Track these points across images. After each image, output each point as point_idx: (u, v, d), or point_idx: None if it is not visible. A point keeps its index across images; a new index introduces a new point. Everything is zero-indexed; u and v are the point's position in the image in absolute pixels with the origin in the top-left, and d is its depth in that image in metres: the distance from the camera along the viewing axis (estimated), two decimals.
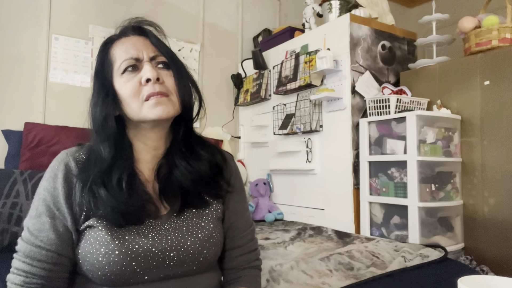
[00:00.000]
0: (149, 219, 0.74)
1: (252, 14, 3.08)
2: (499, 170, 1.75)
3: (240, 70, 2.89)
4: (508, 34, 1.79)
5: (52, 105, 2.24)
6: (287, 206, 2.46)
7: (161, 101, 0.73)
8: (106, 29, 2.43)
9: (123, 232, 0.70)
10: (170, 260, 0.71)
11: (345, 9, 2.26)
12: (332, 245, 1.62)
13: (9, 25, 2.14)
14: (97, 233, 0.69)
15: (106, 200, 0.69)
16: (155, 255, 0.70)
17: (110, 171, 0.72)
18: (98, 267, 0.67)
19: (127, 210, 0.69)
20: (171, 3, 2.69)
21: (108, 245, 0.68)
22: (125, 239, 0.69)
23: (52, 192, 0.71)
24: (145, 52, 0.76)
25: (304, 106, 2.26)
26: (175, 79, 0.78)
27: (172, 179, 0.77)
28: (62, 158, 0.75)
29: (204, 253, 0.75)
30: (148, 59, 0.76)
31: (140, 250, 0.69)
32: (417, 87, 2.10)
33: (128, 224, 0.71)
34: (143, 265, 0.69)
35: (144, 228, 0.72)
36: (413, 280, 1.25)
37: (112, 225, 0.70)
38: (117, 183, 0.71)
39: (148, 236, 0.72)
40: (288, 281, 1.16)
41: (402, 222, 1.83)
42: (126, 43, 0.78)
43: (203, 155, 0.81)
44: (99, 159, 0.73)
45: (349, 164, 2.03)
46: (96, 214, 0.70)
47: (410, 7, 3.81)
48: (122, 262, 0.67)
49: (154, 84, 0.73)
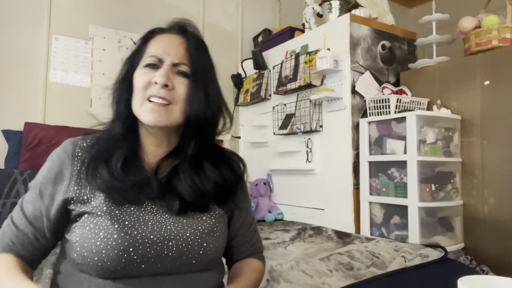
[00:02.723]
0: (149, 202, 0.76)
1: (252, 14, 3.08)
2: (499, 170, 1.75)
3: (240, 70, 2.90)
4: (508, 34, 1.79)
5: (52, 105, 2.24)
6: (287, 206, 2.46)
7: (157, 109, 0.74)
8: (106, 29, 2.43)
9: (123, 217, 0.71)
10: (168, 250, 0.71)
11: (345, 9, 2.26)
12: (332, 245, 1.62)
13: (9, 25, 2.14)
14: (96, 219, 0.70)
15: (104, 177, 0.72)
16: (153, 242, 0.70)
17: (114, 150, 0.76)
18: (95, 251, 0.67)
19: (122, 187, 0.72)
20: (171, 3, 2.69)
21: (107, 229, 0.69)
22: (124, 224, 0.70)
23: (45, 173, 0.76)
24: (171, 56, 0.77)
25: (304, 106, 2.26)
26: (188, 89, 0.77)
27: (172, 187, 0.78)
28: (64, 145, 0.79)
29: (204, 246, 0.75)
30: (170, 64, 0.77)
31: (139, 237, 0.70)
32: (417, 87, 2.10)
33: (125, 202, 0.73)
34: (141, 252, 0.69)
35: (144, 215, 0.73)
36: (413, 280, 1.25)
37: (112, 211, 0.71)
38: (117, 161, 0.74)
39: (148, 223, 0.72)
40: (288, 281, 1.16)
41: (402, 222, 1.83)
42: (163, 40, 0.80)
43: (211, 177, 0.79)
44: (108, 139, 0.78)
45: (349, 164, 2.03)
46: (92, 200, 0.73)
47: (410, 7, 3.81)
48: (120, 246, 0.67)
49: (161, 88, 0.75)
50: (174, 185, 0.77)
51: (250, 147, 2.83)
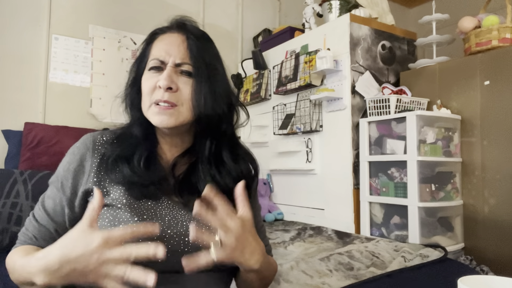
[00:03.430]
0: (165, 198, 0.77)
1: (252, 14, 3.08)
2: (499, 170, 1.75)
3: (240, 70, 2.89)
4: (508, 34, 1.79)
5: (52, 105, 2.24)
6: (287, 206, 2.46)
7: (163, 112, 0.75)
8: (106, 29, 2.43)
9: (141, 211, 0.73)
10: (184, 246, 0.72)
11: (345, 9, 2.26)
12: (332, 245, 1.62)
13: (9, 25, 2.14)
14: (116, 211, 0.72)
15: (125, 173, 0.74)
16: (170, 237, 0.71)
17: (135, 148, 0.78)
18: None
19: (142, 182, 0.74)
20: (171, 3, 2.69)
21: (127, 221, 0.70)
22: (143, 218, 0.72)
23: (66, 166, 0.78)
24: (173, 56, 0.77)
25: (304, 106, 2.26)
26: (193, 89, 0.76)
27: (191, 184, 0.78)
28: (84, 139, 0.81)
29: None
30: (172, 65, 0.76)
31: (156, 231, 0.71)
32: (417, 87, 2.10)
33: (144, 196, 0.74)
34: None
35: (161, 210, 0.75)
36: (413, 280, 1.25)
37: (131, 203, 0.73)
38: (138, 159, 0.76)
39: (165, 219, 0.74)
40: (288, 281, 1.16)
41: (402, 222, 1.83)
42: (164, 40, 0.80)
43: (233, 171, 0.80)
44: (128, 138, 0.80)
45: (349, 164, 2.03)
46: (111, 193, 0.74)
47: (410, 7, 3.81)
48: (138, 239, 0.67)
49: (165, 92, 0.75)
50: (193, 182, 0.78)
51: (250, 147, 2.80)
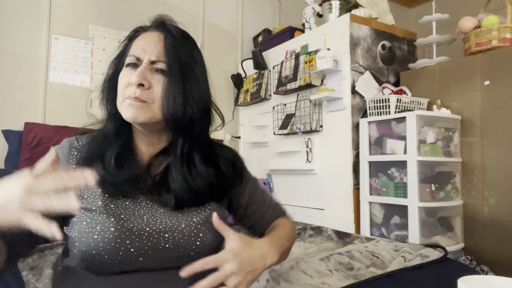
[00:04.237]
0: (144, 197, 0.76)
1: (252, 14, 3.08)
2: (499, 170, 1.75)
3: (240, 70, 2.89)
4: (508, 34, 1.79)
5: (52, 105, 2.24)
6: (287, 206, 2.43)
7: (134, 105, 0.74)
8: (106, 29, 2.43)
9: (118, 211, 0.72)
10: (165, 242, 0.71)
11: (345, 9, 2.26)
12: (332, 245, 1.62)
13: (9, 25, 2.14)
14: (92, 213, 0.71)
15: (98, 171, 0.72)
16: (149, 234, 0.71)
17: (108, 147, 0.77)
18: (93, 245, 0.67)
19: (116, 180, 0.73)
20: (171, 3, 2.69)
21: (104, 222, 0.69)
22: (120, 218, 0.71)
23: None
24: (148, 53, 0.77)
25: (304, 106, 2.26)
26: (164, 87, 0.75)
27: (167, 184, 0.78)
28: (61, 145, 0.81)
29: (201, 236, 0.74)
30: (147, 62, 0.76)
31: (135, 229, 0.70)
32: (417, 87, 2.10)
33: (120, 194, 0.74)
34: (138, 245, 0.69)
35: (139, 209, 0.74)
36: (413, 280, 1.25)
37: (107, 205, 0.72)
38: (110, 156, 0.75)
39: (143, 217, 0.73)
40: (288, 281, 1.16)
41: (402, 222, 1.83)
42: (143, 39, 0.80)
43: (203, 174, 0.79)
44: (103, 137, 0.80)
45: (349, 164, 2.03)
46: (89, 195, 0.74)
47: (410, 7, 3.81)
48: (117, 239, 0.68)
49: (137, 88, 0.74)
50: (168, 182, 0.78)
51: (250, 147, 2.83)
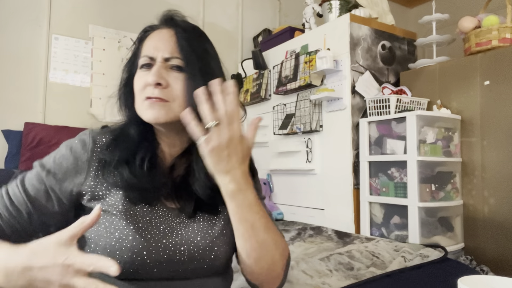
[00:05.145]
0: (161, 205, 0.75)
1: (252, 14, 3.08)
2: (499, 170, 1.75)
3: (240, 70, 2.89)
4: (508, 34, 1.79)
5: (52, 105, 2.24)
6: (287, 206, 2.46)
7: (154, 105, 0.73)
8: (106, 29, 2.43)
9: (137, 219, 0.71)
10: (180, 255, 0.71)
11: (345, 9, 2.26)
12: (332, 245, 1.62)
13: (9, 25, 2.14)
14: (112, 218, 0.70)
15: (125, 175, 0.72)
16: (166, 247, 0.70)
17: (136, 152, 0.75)
18: (110, 251, 0.67)
19: (143, 186, 0.72)
20: (171, 3, 2.68)
21: (122, 230, 0.68)
22: (138, 226, 0.70)
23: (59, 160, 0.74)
24: (161, 51, 0.75)
25: (304, 106, 2.26)
26: (184, 84, 0.73)
27: (188, 185, 0.77)
28: (83, 138, 0.77)
29: (215, 250, 0.74)
30: (161, 60, 0.74)
31: (152, 240, 0.69)
32: (417, 87, 2.10)
33: (143, 201, 0.72)
34: (154, 256, 0.69)
35: (156, 218, 0.73)
36: (413, 280, 1.25)
37: (127, 210, 0.71)
38: (140, 162, 0.74)
39: (160, 227, 0.72)
40: (288, 281, 1.16)
41: (402, 222, 1.83)
42: (154, 38, 0.78)
43: None
44: (127, 140, 0.77)
45: (349, 164, 2.03)
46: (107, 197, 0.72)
47: (410, 7, 3.81)
48: (134, 249, 0.67)
49: (155, 88, 0.73)
50: (190, 183, 0.76)
51: None
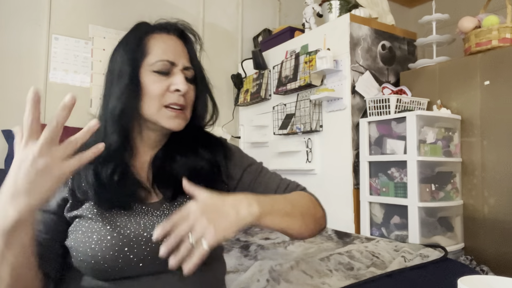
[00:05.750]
0: (139, 204, 0.74)
1: (252, 14, 3.08)
2: (499, 170, 1.75)
3: (240, 70, 2.89)
4: (508, 34, 1.79)
5: (52, 105, 2.24)
6: None
7: (179, 115, 0.76)
8: (106, 29, 2.43)
9: (114, 219, 0.71)
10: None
11: (345, 9, 2.26)
12: (332, 245, 1.62)
13: (9, 25, 2.14)
14: (88, 222, 0.70)
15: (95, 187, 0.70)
16: (147, 240, 0.70)
17: (107, 162, 0.72)
18: (91, 255, 0.67)
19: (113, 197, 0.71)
20: (171, 3, 2.69)
21: (100, 231, 0.68)
22: (116, 225, 0.70)
23: None
24: (182, 59, 0.78)
25: (304, 106, 2.26)
26: (196, 94, 0.81)
27: (166, 169, 0.78)
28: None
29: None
30: (182, 68, 0.77)
31: (132, 235, 0.69)
32: (417, 87, 2.10)
33: (115, 207, 0.72)
34: (136, 251, 0.68)
35: (135, 215, 0.73)
36: (413, 280, 1.25)
37: (102, 212, 0.71)
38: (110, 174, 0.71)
39: (140, 222, 0.72)
40: (288, 281, 1.16)
41: (402, 222, 1.83)
42: (167, 41, 0.78)
43: (204, 154, 0.81)
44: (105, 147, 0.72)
45: (349, 164, 2.03)
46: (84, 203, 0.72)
47: (410, 7, 3.81)
48: (115, 247, 0.67)
49: (180, 96, 0.76)
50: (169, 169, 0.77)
51: (250, 147, 2.83)
